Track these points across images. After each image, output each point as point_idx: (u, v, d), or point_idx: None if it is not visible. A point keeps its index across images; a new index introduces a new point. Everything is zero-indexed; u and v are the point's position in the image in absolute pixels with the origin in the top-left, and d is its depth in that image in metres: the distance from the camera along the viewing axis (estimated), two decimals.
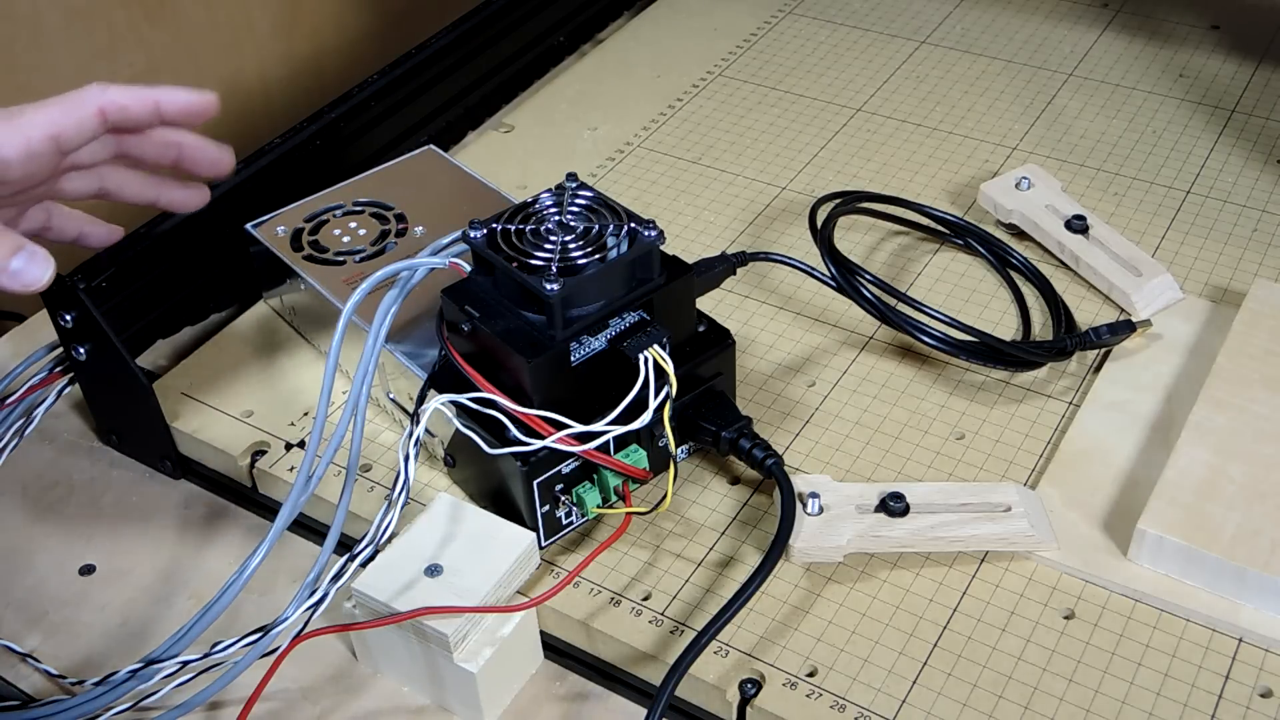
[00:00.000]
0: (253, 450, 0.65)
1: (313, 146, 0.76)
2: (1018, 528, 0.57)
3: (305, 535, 0.63)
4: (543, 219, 0.58)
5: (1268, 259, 0.73)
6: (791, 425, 0.65)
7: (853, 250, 0.74)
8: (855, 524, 0.57)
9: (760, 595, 0.55)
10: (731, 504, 0.61)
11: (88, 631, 0.59)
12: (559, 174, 0.62)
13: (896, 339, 0.69)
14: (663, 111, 0.89)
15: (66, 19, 0.83)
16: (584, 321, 0.55)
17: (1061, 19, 0.96)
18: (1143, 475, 0.60)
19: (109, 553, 0.63)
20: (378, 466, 0.63)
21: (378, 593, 0.53)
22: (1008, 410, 0.65)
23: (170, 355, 0.72)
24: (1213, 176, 0.80)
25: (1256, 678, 0.52)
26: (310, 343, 0.70)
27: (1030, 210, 0.74)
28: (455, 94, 0.87)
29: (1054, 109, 0.87)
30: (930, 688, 0.53)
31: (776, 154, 0.84)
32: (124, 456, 0.68)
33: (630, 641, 0.55)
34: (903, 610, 0.56)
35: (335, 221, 0.70)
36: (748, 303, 0.72)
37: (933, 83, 0.90)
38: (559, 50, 0.96)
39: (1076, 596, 0.56)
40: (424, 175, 0.74)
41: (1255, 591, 0.54)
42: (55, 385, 0.69)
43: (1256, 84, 0.88)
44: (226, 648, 0.53)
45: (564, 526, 0.58)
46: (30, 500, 0.66)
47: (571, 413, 0.55)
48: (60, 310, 0.62)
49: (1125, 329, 0.65)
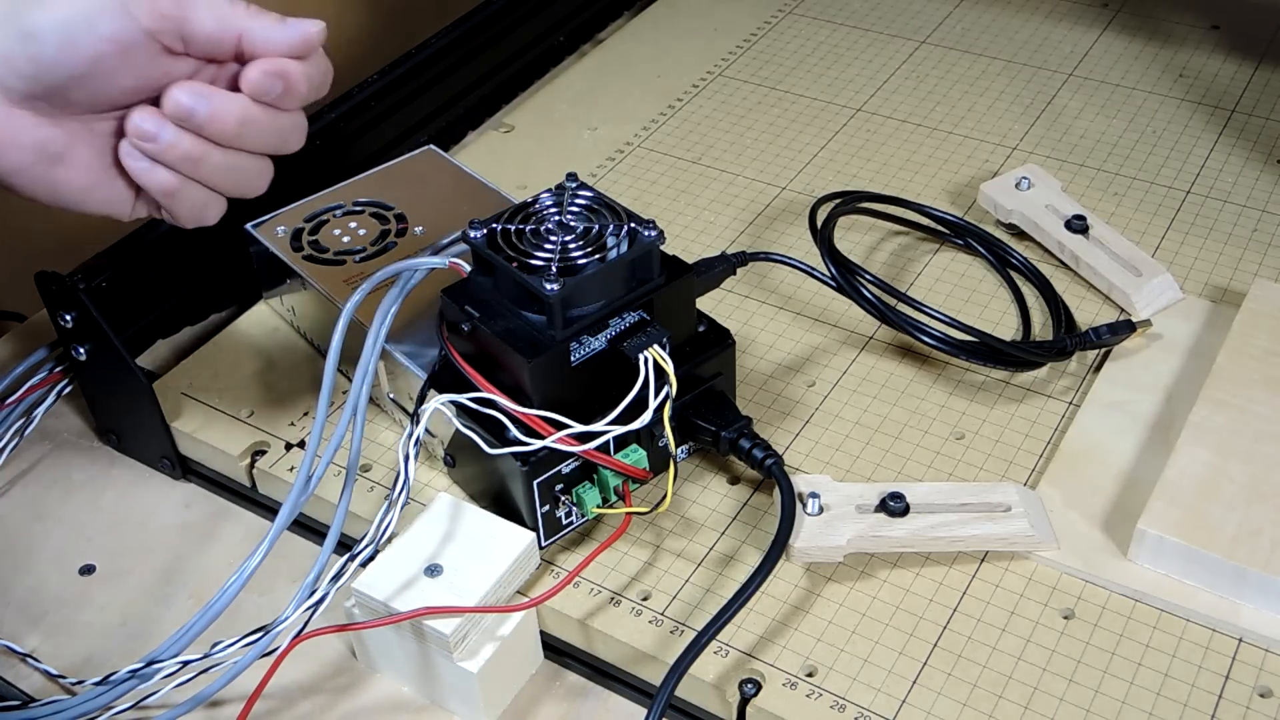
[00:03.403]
0: (253, 450, 0.65)
1: (313, 146, 0.76)
2: (1018, 528, 0.57)
3: (305, 535, 0.63)
4: (543, 219, 0.58)
5: (1268, 259, 0.73)
6: (791, 425, 0.65)
7: (853, 250, 0.74)
8: (855, 524, 0.57)
9: (760, 595, 0.55)
10: (731, 504, 0.61)
11: (88, 631, 0.59)
12: (559, 174, 0.62)
13: (896, 339, 0.69)
14: (663, 111, 0.89)
15: None
16: (584, 321, 0.55)
17: (1061, 19, 0.96)
18: (1143, 475, 0.60)
19: (109, 553, 0.63)
20: (378, 466, 0.63)
21: (377, 593, 0.53)
22: (1008, 410, 0.65)
23: (170, 355, 0.72)
24: (1213, 176, 0.80)
25: (1256, 678, 0.52)
26: (310, 343, 0.70)
27: (1030, 210, 0.74)
28: (455, 94, 0.87)
29: (1054, 109, 0.87)
30: (930, 688, 0.53)
31: (776, 154, 0.84)
32: (124, 456, 0.68)
33: (630, 641, 0.55)
34: (903, 610, 0.56)
35: (335, 221, 0.70)
36: (748, 303, 0.72)
37: (933, 83, 0.90)
38: (559, 50, 0.96)
39: (1076, 596, 0.56)
40: (424, 175, 0.74)
41: (1255, 591, 0.54)
42: (55, 385, 0.69)
43: (1256, 84, 0.88)
44: (226, 648, 0.53)
45: (564, 526, 0.58)
46: (30, 500, 0.66)
47: (571, 413, 0.55)
48: (60, 310, 0.62)
49: (1125, 329, 0.66)
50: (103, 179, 0.51)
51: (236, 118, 0.50)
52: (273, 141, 0.52)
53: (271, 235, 0.69)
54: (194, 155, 0.50)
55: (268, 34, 0.50)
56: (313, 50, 0.51)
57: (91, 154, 0.50)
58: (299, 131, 0.53)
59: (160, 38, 0.48)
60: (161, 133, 0.49)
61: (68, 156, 0.50)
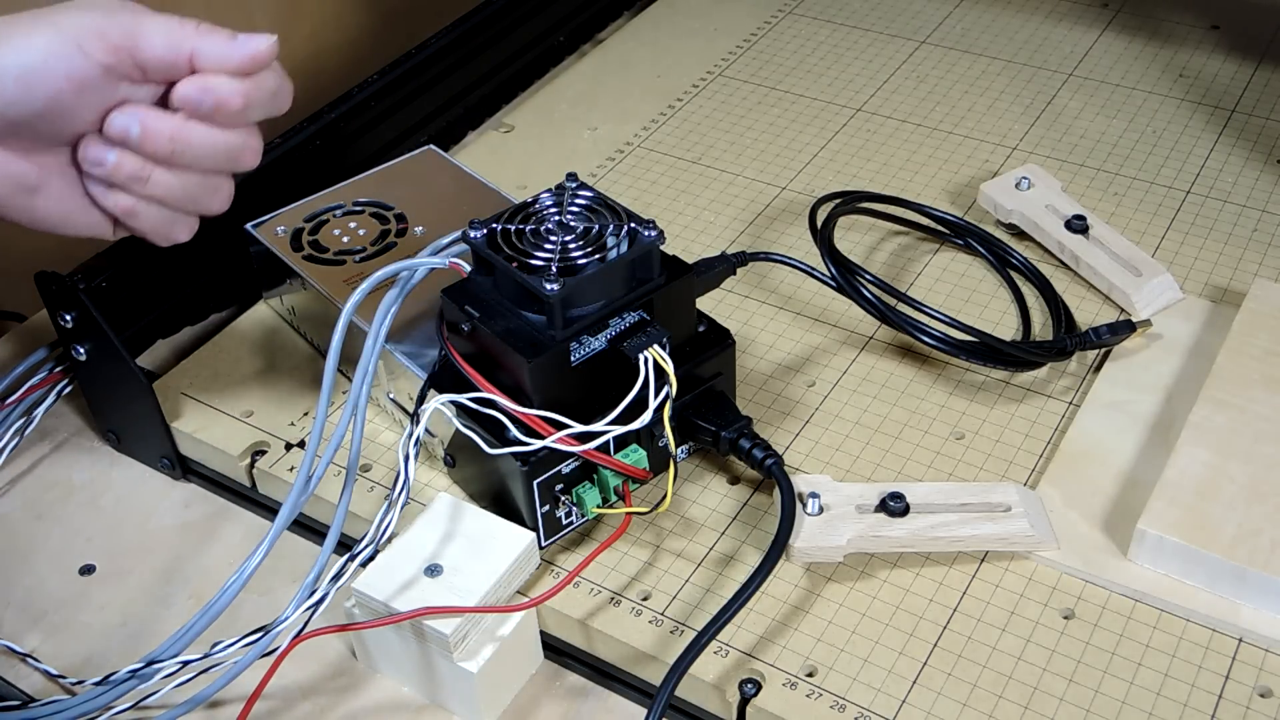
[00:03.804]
0: (253, 450, 0.65)
1: (313, 146, 0.76)
2: (1018, 528, 0.57)
3: (305, 535, 0.63)
4: (543, 219, 0.58)
5: (1268, 259, 0.73)
6: (791, 425, 0.65)
7: (853, 250, 0.74)
8: (855, 524, 0.57)
9: (760, 595, 0.55)
10: (731, 504, 0.61)
11: (88, 631, 0.59)
12: (559, 174, 0.62)
13: (896, 339, 0.69)
14: (663, 111, 0.89)
15: None
16: (584, 321, 0.55)
17: (1061, 19, 0.96)
18: (1143, 475, 0.60)
19: (109, 553, 0.63)
20: (378, 466, 0.63)
21: (377, 593, 0.53)
22: (1008, 410, 0.65)
23: (170, 355, 0.72)
24: (1213, 176, 0.80)
25: (1256, 678, 0.52)
26: (310, 343, 0.70)
27: (1030, 210, 0.74)
28: (455, 94, 0.87)
29: (1054, 109, 0.87)
30: (930, 688, 0.53)
31: (776, 154, 0.84)
32: (124, 456, 0.68)
33: (630, 641, 0.55)
34: (903, 610, 0.56)
35: (335, 221, 0.70)
36: (748, 303, 0.72)
37: (933, 83, 0.90)
38: (559, 50, 0.96)
39: (1076, 596, 0.56)
40: (424, 175, 0.74)
41: (1255, 591, 0.54)
42: (55, 385, 0.69)
43: (1256, 84, 0.88)
44: (226, 648, 0.53)
45: (564, 526, 0.58)
46: (30, 500, 0.66)
47: (571, 413, 0.55)
48: (60, 310, 0.62)
49: (1125, 329, 0.65)
50: (79, 206, 0.53)
51: (168, 135, 0.51)
52: (217, 160, 0.53)
53: (271, 235, 0.69)
54: (140, 176, 0.51)
55: (217, 51, 0.50)
56: (261, 66, 0.51)
57: (65, 184, 0.52)
58: (249, 151, 0.53)
59: (116, 69, 0.49)
60: (107, 156, 0.51)
61: (43, 188, 0.51)
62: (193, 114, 0.51)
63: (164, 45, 0.50)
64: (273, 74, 0.52)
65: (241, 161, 0.53)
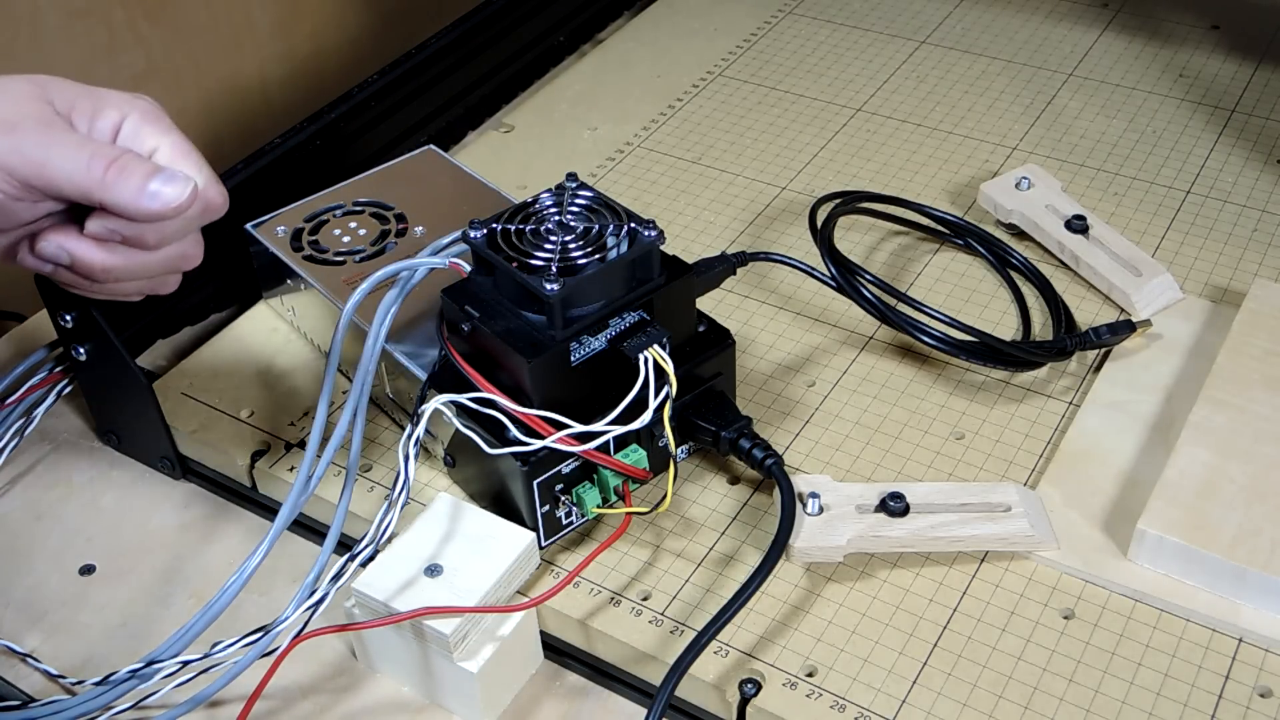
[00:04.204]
0: (253, 450, 0.65)
1: (313, 146, 0.76)
2: (1018, 528, 0.57)
3: (305, 535, 0.63)
4: (543, 219, 0.58)
5: (1268, 259, 0.73)
6: (791, 425, 0.65)
7: (853, 250, 0.74)
8: (855, 524, 0.57)
9: (760, 595, 0.55)
10: (731, 504, 0.61)
11: (88, 631, 0.59)
12: (559, 174, 0.62)
13: (896, 339, 0.69)
14: (663, 111, 0.89)
15: (66, 18, 0.83)
16: (584, 321, 0.55)
17: (1061, 19, 0.96)
18: (1143, 475, 0.60)
19: (109, 553, 0.63)
20: (378, 466, 0.63)
21: (378, 593, 0.53)
22: (1008, 410, 0.65)
23: (170, 355, 0.72)
24: (1213, 176, 0.80)
25: (1256, 678, 0.52)
26: (310, 343, 0.70)
27: (1030, 210, 0.74)
28: (455, 94, 0.87)
29: (1054, 109, 0.87)
30: (930, 688, 0.53)
31: (776, 154, 0.84)
32: (124, 456, 0.68)
33: (630, 641, 0.55)
34: (903, 610, 0.56)
35: (335, 221, 0.70)
36: (748, 303, 0.72)
37: (933, 83, 0.90)
38: (559, 50, 0.96)
39: (1076, 596, 0.56)
40: (424, 175, 0.74)
41: (1255, 591, 0.54)
42: (55, 385, 0.69)
43: (1256, 84, 0.88)
44: (226, 648, 0.53)
45: (564, 526, 0.58)
46: (30, 500, 0.66)
47: (571, 413, 0.55)
48: (60, 310, 0.62)
49: (1125, 329, 0.66)
50: None
51: (100, 266, 0.52)
52: (154, 273, 0.53)
53: (271, 235, 0.69)
54: (81, 286, 0.53)
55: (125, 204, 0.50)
56: (178, 214, 0.51)
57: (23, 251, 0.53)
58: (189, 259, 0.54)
59: (29, 197, 0.50)
60: (47, 267, 0.52)
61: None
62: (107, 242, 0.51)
63: (72, 189, 0.50)
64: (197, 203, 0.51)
65: (182, 267, 0.54)
